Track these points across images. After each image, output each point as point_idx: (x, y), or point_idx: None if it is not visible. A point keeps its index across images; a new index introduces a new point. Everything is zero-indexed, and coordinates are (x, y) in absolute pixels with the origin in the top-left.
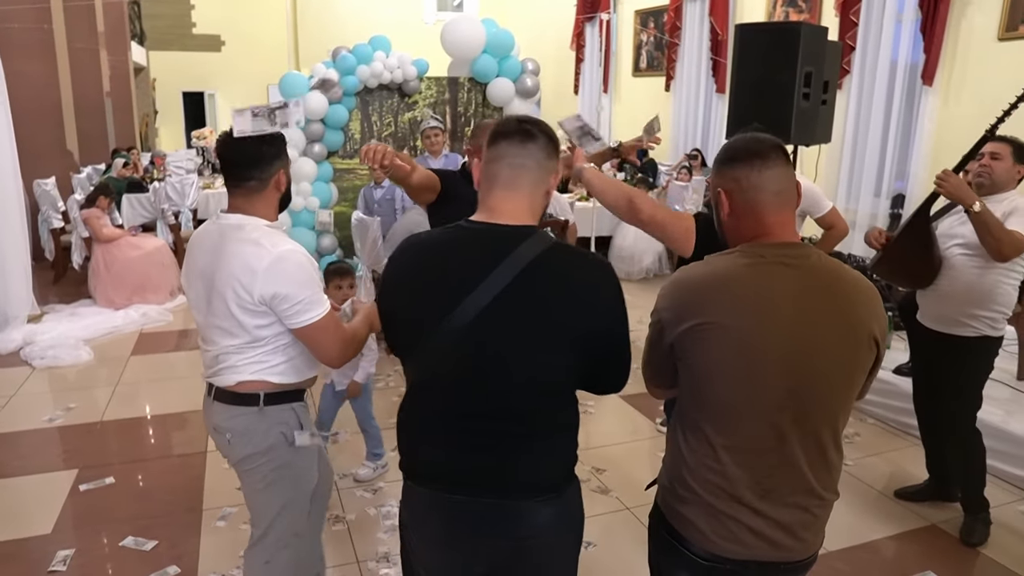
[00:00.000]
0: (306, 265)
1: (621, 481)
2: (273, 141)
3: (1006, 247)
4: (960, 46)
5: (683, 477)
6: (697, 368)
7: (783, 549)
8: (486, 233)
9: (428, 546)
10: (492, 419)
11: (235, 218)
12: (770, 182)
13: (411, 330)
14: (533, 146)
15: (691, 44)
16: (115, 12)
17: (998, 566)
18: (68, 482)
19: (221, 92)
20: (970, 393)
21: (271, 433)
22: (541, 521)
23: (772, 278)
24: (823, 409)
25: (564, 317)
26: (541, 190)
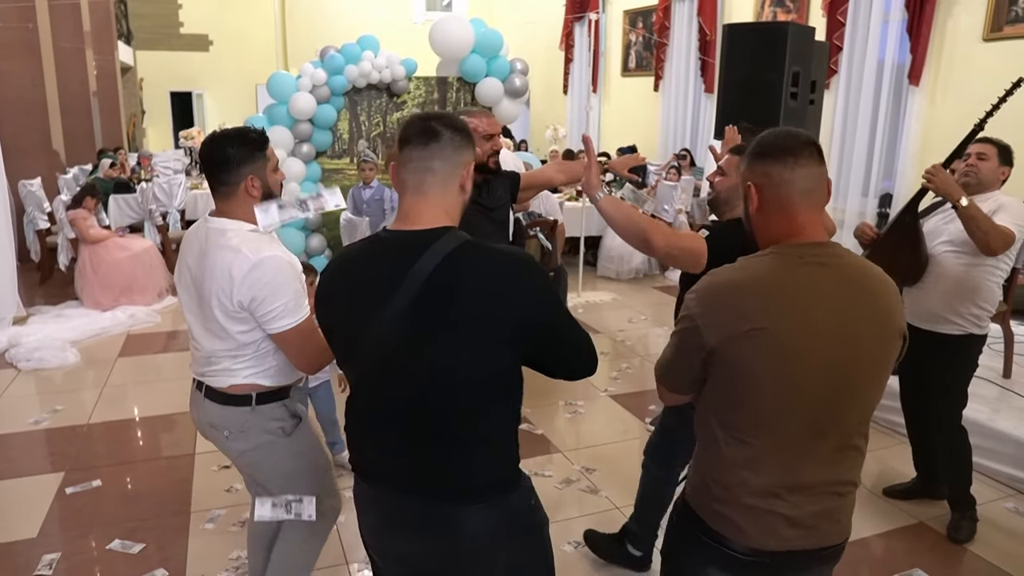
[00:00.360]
0: (285, 270)
1: (611, 481)
2: (242, 144)
3: (994, 240)
4: (946, 46)
5: (721, 477)
6: (742, 373)
7: (821, 535)
8: (397, 241)
9: (372, 535)
10: (417, 422)
11: (219, 222)
12: (801, 180)
13: (338, 340)
14: (436, 146)
15: (679, 44)
16: (101, 11)
17: (984, 562)
18: (54, 485)
19: (209, 92)
20: (956, 391)
21: (268, 431)
22: (475, 529)
23: (812, 279)
24: (859, 404)
25: (477, 315)
26: (452, 187)
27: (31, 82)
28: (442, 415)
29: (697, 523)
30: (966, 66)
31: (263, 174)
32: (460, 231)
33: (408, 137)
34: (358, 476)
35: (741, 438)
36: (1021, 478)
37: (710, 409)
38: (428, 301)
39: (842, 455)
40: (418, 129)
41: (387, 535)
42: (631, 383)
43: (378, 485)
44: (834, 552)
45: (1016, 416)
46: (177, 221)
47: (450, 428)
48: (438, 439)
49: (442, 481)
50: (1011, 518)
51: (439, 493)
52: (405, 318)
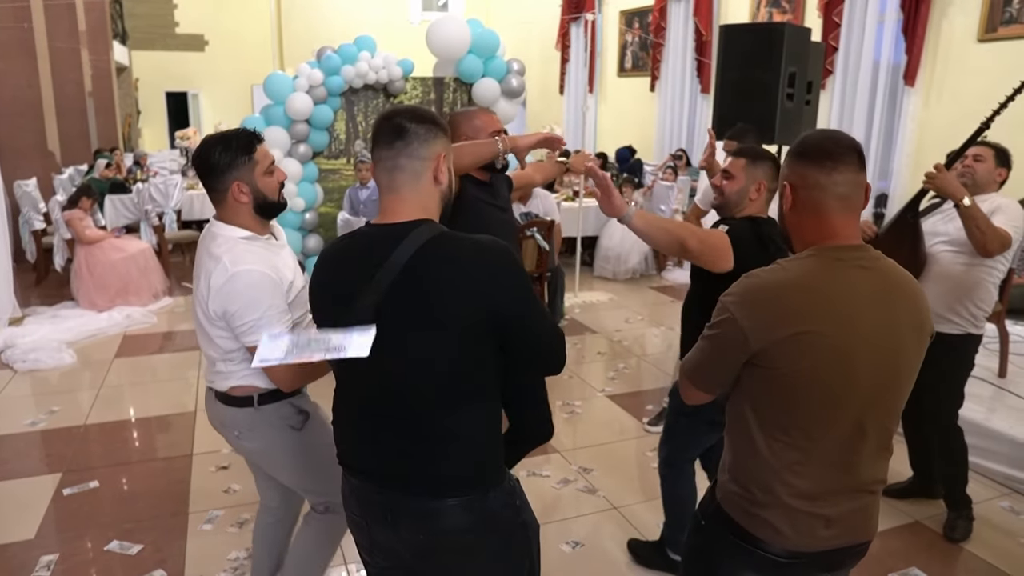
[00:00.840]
0: (259, 286)
1: (608, 481)
2: (225, 148)
3: (991, 242)
4: (941, 47)
5: (765, 481)
6: (789, 375)
7: (854, 533)
8: (373, 235)
9: (354, 526)
10: (394, 416)
11: (215, 227)
12: (836, 186)
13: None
14: (401, 143)
15: (676, 44)
16: (96, 11)
17: (980, 561)
18: (51, 486)
19: (204, 92)
20: (953, 390)
21: (277, 427)
22: (452, 523)
23: (854, 282)
24: (897, 403)
25: (449, 307)
26: (424, 182)
27: (26, 82)
28: (416, 407)
29: (731, 526)
30: (961, 67)
31: (251, 179)
32: (436, 223)
33: (376, 136)
34: (342, 468)
35: (786, 441)
36: (1016, 477)
37: (749, 412)
38: (401, 292)
39: (880, 454)
40: (383, 128)
41: (367, 528)
42: (628, 383)
43: (357, 476)
44: (864, 548)
45: (1011, 415)
46: (173, 222)
47: (423, 421)
48: (412, 432)
49: (416, 474)
50: (1007, 517)
51: (413, 487)
52: (378, 310)
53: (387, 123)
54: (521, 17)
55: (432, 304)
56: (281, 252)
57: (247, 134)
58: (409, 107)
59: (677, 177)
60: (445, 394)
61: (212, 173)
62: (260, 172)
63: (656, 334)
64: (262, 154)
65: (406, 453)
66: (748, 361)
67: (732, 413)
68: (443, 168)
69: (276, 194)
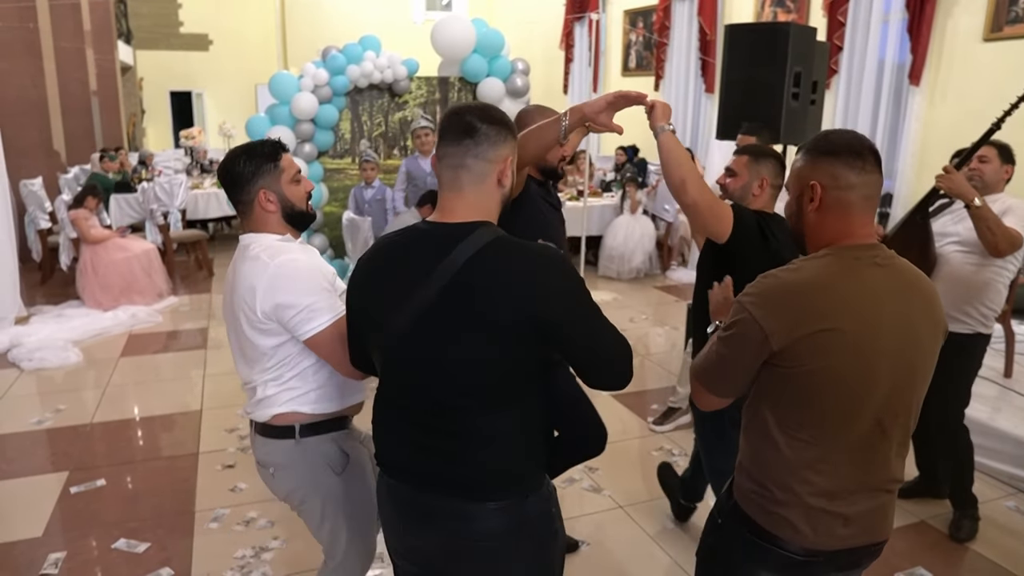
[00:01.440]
0: (305, 271)
1: (613, 480)
2: (250, 158)
3: (1002, 243)
4: (946, 46)
5: (784, 480)
6: (810, 374)
7: (872, 532)
8: (431, 234)
9: (388, 529)
10: (436, 417)
11: (245, 238)
12: (865, 186)
13: (365, 326)
14: (470, 142)
15: (680, 44)
16: (101, 11)
17: (986, 561)
18: (58, 485)
19: (209, 91)
20: (961, 390)
21: (316, 466)
22: (488, 526)
23: (873, 280)
24: (914, 401)
25: (501, 313)
26: (488, 184)
27: (31, 82)
28: (459, 409)
29: (749, 524)
30: (966, 66)
31: (277, 187)
32: (495, 226)
33: (443, 132)
34: (380, 468)
35: (806, 439)
36: (1022, 477)
37: (767, 412)
38: (454, 295)
39: (898, 452)
40: (453, 124)
41: (401, 529)
42: (633, 383)
43: (395, 477)
44: (880, 548)
45: (1017, 415)
46: (178, 221)
47: (467, 423)
48: (454, 434)
49: (456, 477)
50: (1012, 517)
51: (452, 489)
52: (431, 310)
53: (457, 119)
54: (525, 17)
55: (485, 308)
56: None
57: (272, 143)
58: (480, 105)
59: None
60: (490, 397)
61: (238, 183)
62: (287, 180)
63: (660, 333)
64: (288, 162)
65: (447, 454)
66: (767, 361)
67: (749, 413)
68: (508, 172)
69: (304, 203)
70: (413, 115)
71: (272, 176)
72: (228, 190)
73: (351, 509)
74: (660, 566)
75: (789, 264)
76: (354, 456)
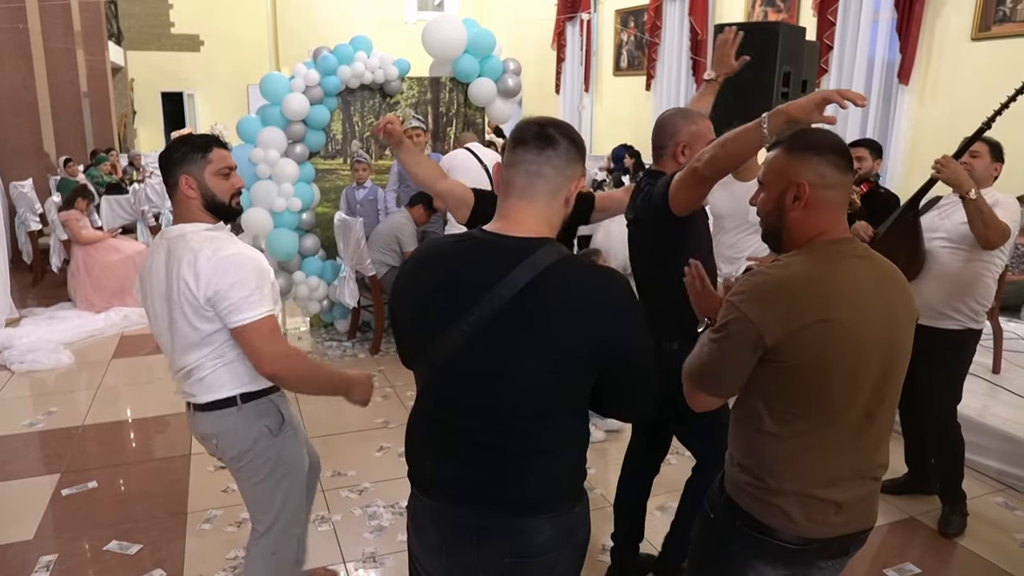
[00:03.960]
0: (246, 265)
1: (604, 478)
2: (183, 143)
3: (994, 234)
4: (935, 46)
5: (778, 470)
6: (803, 366)
7: (861, 519)
8: (495, 245)
9: (428, 553)
10: (487, 434)
11: (176, 229)
12: (844, 184)
13: (413, 339)
14: (552, 152)
15: (671, 43)
16: (91, 11)
17: (975, 556)
18: (50, 487)
19: (200, 92)
20: (955, 386)
21: (253, 427)
22: (541, 540)
23: (857, 271)
24: (897, 387)
25: (562, 336)
26: (559, 199)
27: (22, 83)
28: (511, 425)
29: (742, 516)
30: (955, 65)
31: (200, 175)
32: (560, 244)
33: (524, 139)
34: (417, 490)
35: (800, 429)
36: (1010, 473)
37: (760, 406)
38: (516, 312)
39: (883, 439)
40: (535, 133)
41: (446, 552)
42: None
43: (438, 498)
44: (866, 536)
45: (1005, 411)
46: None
47: (518, 438)
48: (508, 449)
49: (512, 494)
50: (1001, 512)
51: (507, 506)
52: (490, 325)
53: (539, 129)
54: (517, 17)
55: (547, 329)
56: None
57: (209, 136)
58: (560, 121)
59: None
60: (543, 413)
61: (166, 166)
62: (212, 171)
63: None
64: (218, 156)
65: (503, 472)
66: (764, 357)
67: (742, 407)
68: (574, 194)
69: (227, 196)
70: (405, 115)
71: (197, 165)
72: (161, 172)
73: (285, 470)
74: None
75: (775, 261)
76: (287, 417)
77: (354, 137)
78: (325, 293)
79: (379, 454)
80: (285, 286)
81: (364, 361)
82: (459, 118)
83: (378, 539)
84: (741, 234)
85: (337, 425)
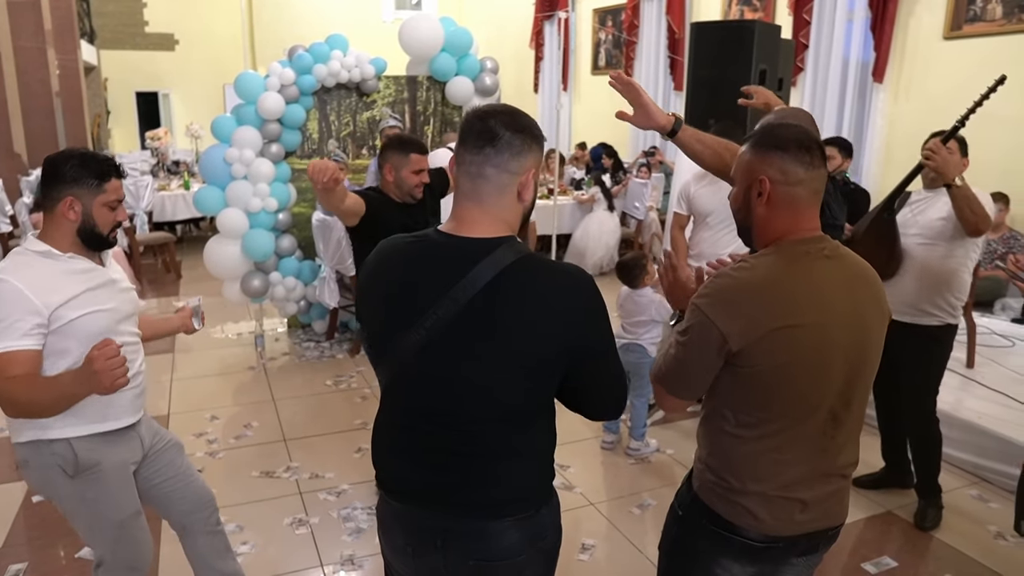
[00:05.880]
0: (5, 296)
1: (585, 477)
2: (80, 164)
3: (981, 220)
4: (908, 44)
5: (739, 470)
6: (768, 371)
7: (829, 516)
8: (450, 246)
9: (397, 554)
10: (450, 437)
11: (27, 242)
12: (813, 180)
13: (375, 339)
14: (491, 151)
15: (648, 42)
16: (62, 9)
17: (950, 549)
18: (20, 494)
19: (176, 92)
20: (933, 381)
21: (46, 463)
22: (506, 543)
23: (823, 273)
24: (866, 387)
25: (524, 337)
26: (508, 197)
27: None
28: (476, 428)
29: (709, 514)
30: (928, 63)
31: (89, 202)
32: (518, 242)
33: (464, 137)
34: (383, 492)
35: (764, 433)
36: (984, 466)
37: (725, 407)
38: (475, 313)
39: (852, 438)
40: (475, 129)
41: (411, 554)
42: None
43: (403, 501)
44: (837, 532)
45: (979, 405)
46: (144, 223)
47: (483, 441)
48: (470, 452)
49: (477, 497)
50: (976, 505)
51: (472, 509)
52: (448, 328)
53: (480, 124)
54: (495, 15)
55: (508, 329)
56: (85, 276)
57: (108, 163)
58: (506, 109)
59: (651, 174)
60: (507, 415)
61: (54, 180)
62: (101, 201)
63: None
64: (113, 187)
65: (468, 475)
66: (729, 361)
67: (707, 408)
68: (530, 185)
69: (107, 229)
70: (381, 114)
71: (88, 191)
72: (43, 181)
73: (88, 513)
74: (630, 559)
75: (741, 262)
76: (92, 459)
77: (330, 136)
78: (303, 294)
79: (357, 456)
80: (261, 287)
81: (343, 362)
82: (436, 117)
83: (356, 541)
84: (724, 231)
85: (315, 427)
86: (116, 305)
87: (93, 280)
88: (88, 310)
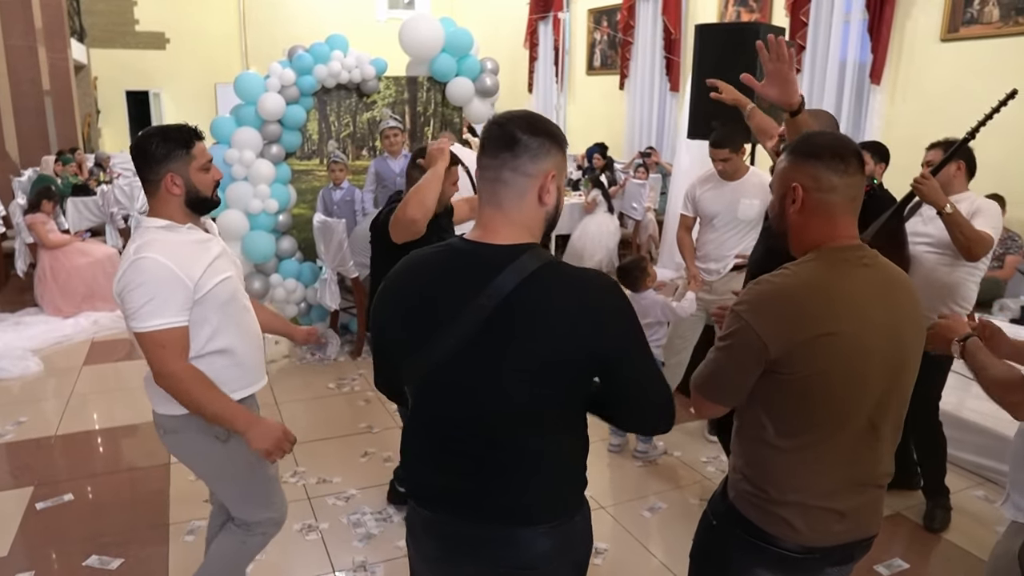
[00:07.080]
0: (154, 273)
1: (593, 480)
2: (163, 140)
3: (975, 246)
4: (905, 46)
5: (779, 481)
6: (807, 378)
7: (865, 526)
8: (474, 254)
9: (426, 563)
10: (479, 445)
11: (143, 220)
12: (848, 188)
13: (399, 349)
14: (508, 155)
15: (644, 43)
16: (53, 8)
17: (959, 549)
18: (23, 501)
19: (167, 91)
20: (938, 387)
21: (201, 429)
22: (538, 551)
23: (862, 280)
24: (904, 397)
25: (550, 344)
26: (528, 201)
27: None
28: (508, 436)
29: (745, 525)
30: (925, 65)
31: (186, 172)
32: (542, 249)
33: (484, 143)
34: (413, 500)
35: (803, 442)
36: (989, 466)
37: (764, 417)
38: (501, 321)
39: (889, 449)
40: (494, 135)
41: (442, 561)
42: None
43: (434, 509)
44: (871, 542)
45: (982, 406)
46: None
47: (514, 448)
48: (499, 459)
49: (508, 503)
50: (982, 505)
51: (503, 516)
52: (475, 336)
53: (498, 129)
54: (488, 15)
55: (533, 338)
56: (206, 245)
57: (187, 129)
58: (525, 114)
59: (648, 175)
60: (536, 423)
61: (148, 163)
62: (196, 167)
63: None
64: (200, 150)
65: (494, 481)
66: (768, 368)
67: (745, 417)
68: (550, 188)
69: (210, 190)
70: (382, 115)
71: (182, 161)
72: (137, 167)
73: (234, 472)
74: (642, 562)
75: (780, 269)
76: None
77: (330, 137)
78: (303, 296)
79: (364, 460)
80: (262, 289)
81: (344, 364)
82: (436, 118)
83: (367, 547)
84: (729, 232)
85: (319, 431)
86: (234, 273)
87: (212, 250)
88: (220, 277)
